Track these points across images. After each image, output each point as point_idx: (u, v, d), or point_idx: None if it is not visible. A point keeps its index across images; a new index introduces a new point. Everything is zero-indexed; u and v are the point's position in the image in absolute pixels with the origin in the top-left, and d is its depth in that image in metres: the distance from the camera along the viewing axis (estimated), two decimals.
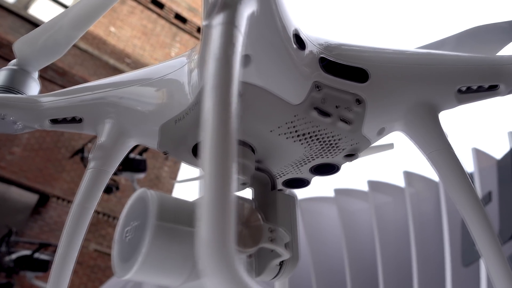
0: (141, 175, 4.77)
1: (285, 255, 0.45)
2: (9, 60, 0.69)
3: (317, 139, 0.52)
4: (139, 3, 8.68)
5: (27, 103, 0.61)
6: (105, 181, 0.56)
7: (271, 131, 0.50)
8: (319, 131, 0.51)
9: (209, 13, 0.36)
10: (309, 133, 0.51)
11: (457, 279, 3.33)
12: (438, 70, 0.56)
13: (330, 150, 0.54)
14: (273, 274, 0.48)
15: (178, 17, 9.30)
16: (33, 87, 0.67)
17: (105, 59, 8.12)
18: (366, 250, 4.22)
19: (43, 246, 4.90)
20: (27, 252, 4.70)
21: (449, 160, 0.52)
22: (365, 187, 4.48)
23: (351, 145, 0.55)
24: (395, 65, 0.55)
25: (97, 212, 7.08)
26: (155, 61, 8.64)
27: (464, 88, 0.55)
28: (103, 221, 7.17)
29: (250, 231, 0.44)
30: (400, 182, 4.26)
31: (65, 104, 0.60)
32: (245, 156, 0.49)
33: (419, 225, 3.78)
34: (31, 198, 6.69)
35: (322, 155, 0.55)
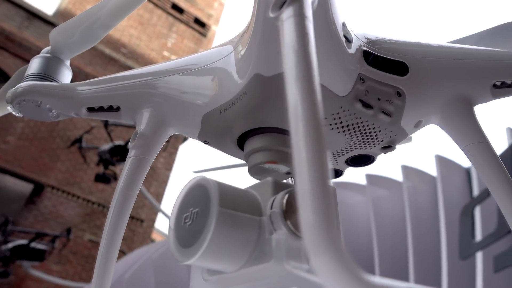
0: None
1: None
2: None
3: (359, 130, 0.53)
4: None
5: (65, 91, 0.61)
6: (146, 169, 0.56)
7: None
8: (361, 122, 0.52)
9: (277, 6, 0.36)
10: (352, 124, 0.52)
11: (454, 271, 3.39)
12: (475, 64, 0.57)
13: (369, 141, 0.55)
14: None
15: (175, 7, 9.25)
16: (66, 75, 0.67)
17: (101, 49, 8.05)
18: (362, 243, 4.26)
19: (40, 236, 4.89)
20: (23, 242, 4.69)
21: (485, 153, 0.53)
22: (362, 181, 4.52)
23: (390, 137, 0.56)
24: (434, 59, 0.56)
25: (92, 202, 7.06)
26: (151, 51, 8.60)
27: (499, 83, 0.56)
28: (98, 211, 7.15)
29: None
30: (398, 176, 4.30)
31: (104, 92, 0.60)
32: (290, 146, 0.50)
33: (416, 218, 3.81)
34: (26, 187, 6.66)
35: (361, 146, 0.56)
